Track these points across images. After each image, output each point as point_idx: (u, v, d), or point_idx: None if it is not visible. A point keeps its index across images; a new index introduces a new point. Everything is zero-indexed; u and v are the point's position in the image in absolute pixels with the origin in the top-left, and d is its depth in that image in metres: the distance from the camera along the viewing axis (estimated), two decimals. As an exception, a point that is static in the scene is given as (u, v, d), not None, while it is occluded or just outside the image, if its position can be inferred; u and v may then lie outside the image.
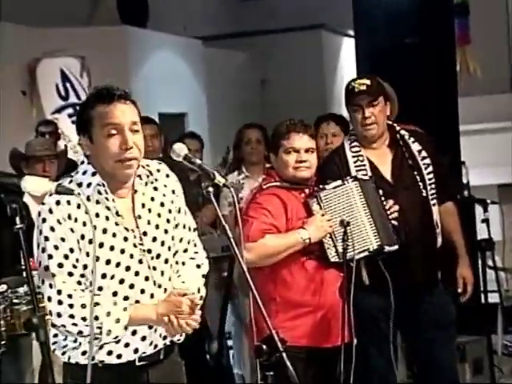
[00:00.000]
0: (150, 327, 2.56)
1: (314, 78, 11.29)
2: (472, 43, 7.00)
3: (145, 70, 8.66)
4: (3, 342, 3.64)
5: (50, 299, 2.46)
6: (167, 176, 2.67)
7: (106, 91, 2.49)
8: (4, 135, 6.59)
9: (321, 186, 3.50)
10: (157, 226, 2.59)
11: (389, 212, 3.51)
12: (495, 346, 5.35)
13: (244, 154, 5.19)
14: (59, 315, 2.45)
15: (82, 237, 2.45)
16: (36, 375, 3.92)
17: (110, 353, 2.53)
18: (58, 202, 2.44)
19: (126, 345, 2.54)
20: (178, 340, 2.65)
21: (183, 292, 2.55)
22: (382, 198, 3.55)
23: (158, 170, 2.65)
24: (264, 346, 2.48)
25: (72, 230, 2.45)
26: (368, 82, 3.68)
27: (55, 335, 2.58)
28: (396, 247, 3.50)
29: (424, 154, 3.77)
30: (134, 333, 2.53)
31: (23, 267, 2.59)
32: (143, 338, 2.55)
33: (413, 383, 4.10)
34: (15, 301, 3.66)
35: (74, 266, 2.46)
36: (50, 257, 2.44)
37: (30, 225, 2.62)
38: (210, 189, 2.60)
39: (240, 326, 5.33)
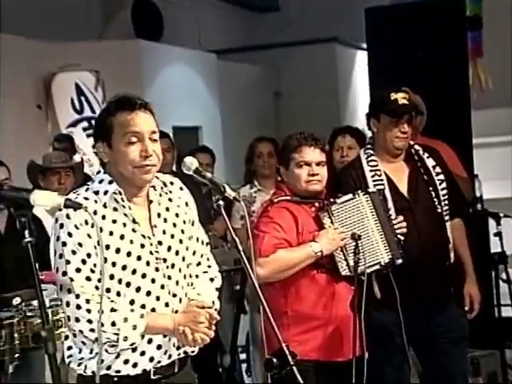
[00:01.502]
0: (165, 336, 2.57)
1: (328, 91, 11.31)
2: (485, 56, 6.99)
3: (159, 83, 8.71)
4: (17, 355, 3.67)
5: (68, 304, 2.47)
6: (181, 189, 2.71)
7: (128, 100, 2.55)
8: (20, 149, 6.64)
9: (331, 200, 3.50)
10: (172, 236, 2.62)
11: (396, 227, 3.51)
12: (509, 361, 5.32)
13: (256, 168, 5.21)
14: (77, 320, 2.46)
15: (98, 243, 2.47)
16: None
17: (126, 362, 2.54)
18: (75, 209, 2.45)
19: (142, 353, 2.55)
20: (193, 352, 2.66)
21: (202, 304, 2.58)
22: (390, 212, 3.57)
23: (172, 183, 2.70)
24: (274, 360, 2.48)
25: (89, 236, 2.47)
26: (408, 97, 3.71)
27: (69, 348, 2.59)
28: (401, 261, 3.50)
29: (438, 169, 3.80)
30: (149, 341, 2.55)
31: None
32: (159, 347, 2.57)
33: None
34: (29, 314, 3.69)
35: (92, 271, 2.47)
36: (68, 262, 2.46)
37: (44, 239, 2.64)
38: (221, 202, 2.62)
39: (251, 339, 5.33)
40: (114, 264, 2.49)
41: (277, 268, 3.38)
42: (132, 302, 2.51)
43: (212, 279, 2.75)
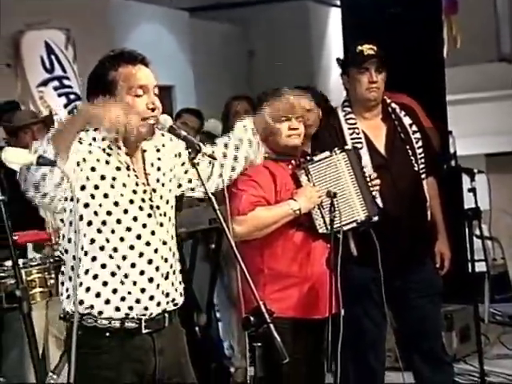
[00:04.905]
0: (151, 280, 2.57)
1: (301, 49, 11.26)
2: (459, 13, 6.98)
3: (130, 41, 8.61)
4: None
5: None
6: (162, 135, 2.72)
7: (129, 54, 2.58)
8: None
9: (308, 158, 3.50)
10: (163, 185, 2.66)
11: (372, 184, 3.52)
12: (482, 315, 5.40)
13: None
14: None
15: (93, 169, 2.49)
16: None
17: (107, 302, 2.53)
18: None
19: (137, 301, 2.55)
20: (177, 305, 2.67)
21: None
22: (368, 170, 3.57)
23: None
24: (251, 318, 2.48)
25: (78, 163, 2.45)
26: (375, 47, 3.73)
27: (67, 289, 2.57)
28: (377, 218, 3.51)
29: (414, 128, 3.82)
30: (134, 283, 2.55)
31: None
32: (142, 290, 2.57)
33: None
34: (1, 274, 3.66)
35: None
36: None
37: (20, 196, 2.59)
38: (196, 160, 2.61)
39: (227, 297, 5.35)
40: (105, 195, 2.50)
41: (255, 226, 3.37)
42: (122, 240, 2.53)
43: None
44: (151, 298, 2.59)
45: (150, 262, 2.58)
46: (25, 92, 7.11)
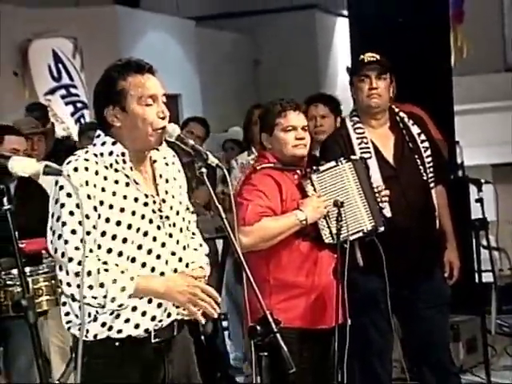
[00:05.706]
0: None
1: (308, 58, 11.27)
2: (465, 22, 6.98)
3: (137, 50, 8.62)
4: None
5: (61, 268, 2.48)
6: (169, 146, 2.73)
7: (136, 63, 2.58)
8: (-4, 117, 6.55)
9: (314, 168, 3.48)
10: (173, 197, 2.66)
11: (382, 194, 3.51)
12: (489, 326, 5.37)
13: (253, 135, 5.18)
14: (69, 285, 2.46)
15: (101, 203, 2.49)
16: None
17: (127, 321, 2.53)
18: (75, 169, 2.48)
19: (143, 313, 2.55)
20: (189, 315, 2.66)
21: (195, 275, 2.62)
22: (378, 180, 3.56)
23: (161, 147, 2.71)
24: (258, 327, 2.47)
25: (89, 197, 2.47)
26: (378, 56, 3.74)
27: (67, 313, 2.58)
28: (383, 229, 3.51)
29: (423, 137, 3.81)
30: (149, 301, 2.55)
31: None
32: (159, 305, 2.57)
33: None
34: (8, 282, 3.66)
35: (88, 233, 2.45)
36: (64, 224, 2.46)
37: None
38: (204, 169, 2.60)
39: (234, 307, 5.34)
40: (118, 223, 2.50)
41: (261, 237, 3.35)
42: (133, 260, 2.53)
43: (200, 245, 2.79)
44: (165, 309, 2.59)
45: (162, 274, 2.58)
46: (32, 100, 7.13)
